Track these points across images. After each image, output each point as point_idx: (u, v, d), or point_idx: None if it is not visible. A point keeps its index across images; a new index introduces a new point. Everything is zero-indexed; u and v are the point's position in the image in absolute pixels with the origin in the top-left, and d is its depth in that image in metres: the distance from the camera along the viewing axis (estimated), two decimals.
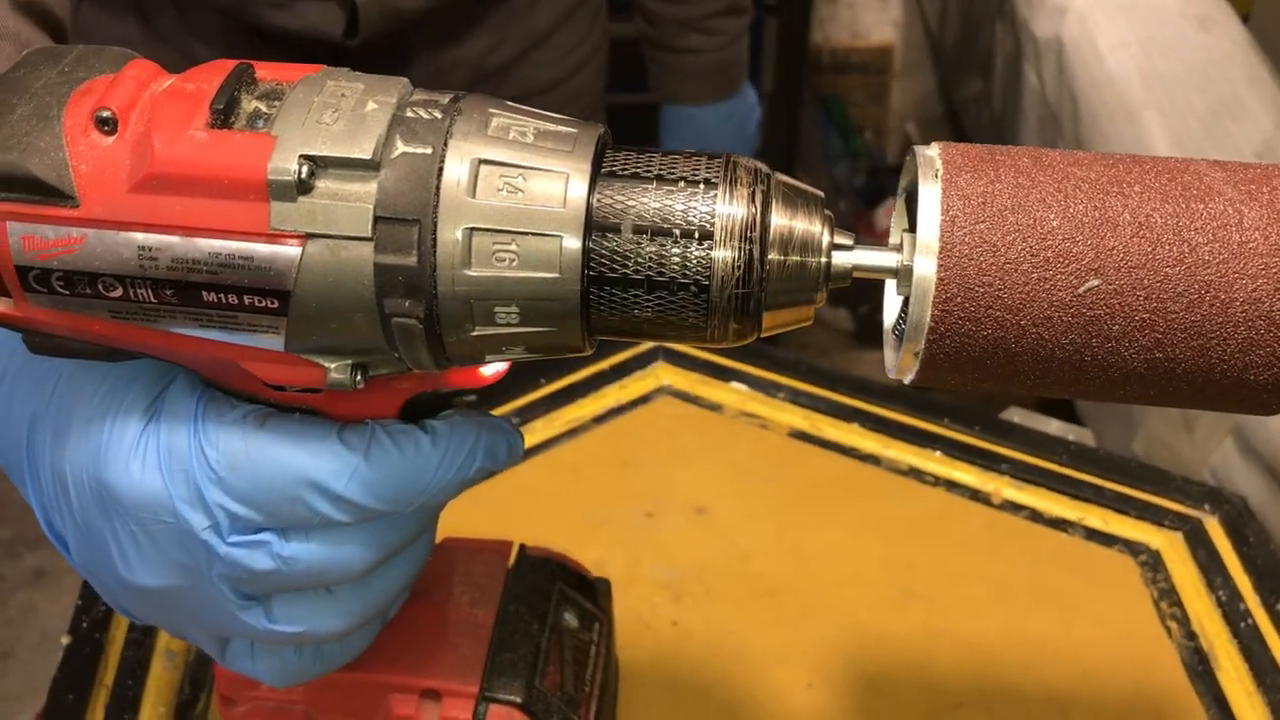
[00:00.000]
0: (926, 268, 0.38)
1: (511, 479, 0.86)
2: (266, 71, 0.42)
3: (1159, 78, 1.71)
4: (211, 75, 0.41)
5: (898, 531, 0.83)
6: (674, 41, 1.29)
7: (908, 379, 0.41)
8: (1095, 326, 0.38)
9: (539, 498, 0.85)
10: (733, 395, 0.94)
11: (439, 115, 0.40)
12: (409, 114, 0.40)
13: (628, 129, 1.66)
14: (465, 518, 0.82)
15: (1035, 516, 0.85)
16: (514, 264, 0.39)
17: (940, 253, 0.38)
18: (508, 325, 0.40)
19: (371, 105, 0.40)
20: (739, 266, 0.40)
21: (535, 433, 0.90)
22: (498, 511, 0.83)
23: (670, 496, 0.85)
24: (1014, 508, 0.85)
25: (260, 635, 0.48)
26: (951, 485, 0.87)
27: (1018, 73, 1.98)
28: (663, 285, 0.40)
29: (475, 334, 0.40)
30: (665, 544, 0.81)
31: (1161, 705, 0.73)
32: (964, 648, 0.75)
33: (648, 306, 0.40)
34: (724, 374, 0.95)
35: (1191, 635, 0.77)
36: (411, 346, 0.40)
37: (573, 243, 0.39)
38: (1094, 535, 0.84)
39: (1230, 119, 1.64)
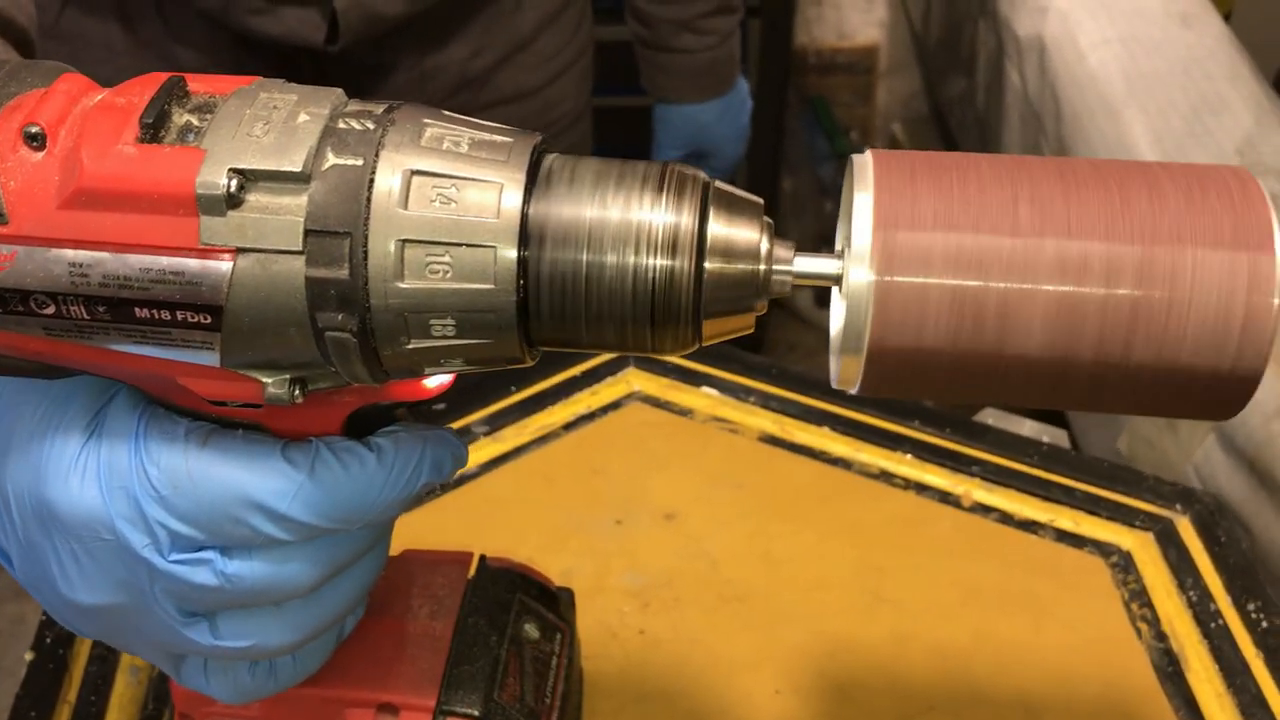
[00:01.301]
0: (862, 276, 0.38)
1: (481, 488, 0.86)
2: (200, 84, 0.41)
3: (1140, 76, 1.71)
4: (143, 89, 0.40)
5: (868, 536, 0.83)
6: (667, 42, 1.29)
7: (852, 389, 0.41)
8: (1042, 331, 0.37)
9: (508, 507, 0.84)
10: (703, 400, 0.93)
11: (371, 126, 0.39)
12: (341, 125, 0.40)
13: (616, 132, 1.67)
14: (433, 528, 0.82)
15: (1005, 519, 0.85)
16: (448, 276, 0.39)
17: (875, 260, 0.38)
18: (444, 338, 0.40)
19: (303, 117, 0.40)
20: (677, 275, 0.39)
21: (505, 440, 0.89)
22: (467, 521, 0.83)
23: (640, 503, 0.85)
24: (984, 510, 0.85)
25: (207, 651, 0.48)
26: (922, 488, 0.86)
27: (1000, 72, 1.98)
28: (600, 295, 0.40)
29: (411, 347, 0.40)
30: (635, 551, 0.81)
31: (1131, 707, 0.72)
32: (934, 652, 0.75)
33: (586, 317, 0.40)
34: (695, 379, 0.95)
35: (1162, 636, 0.77)
36: (346, 360, 0.40)
37: (507, 253, 0.39)
38: (1064, 537, 0.84)
39: (1211, 116, 1.64)
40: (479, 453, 0.88)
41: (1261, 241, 0.37)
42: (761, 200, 0.42)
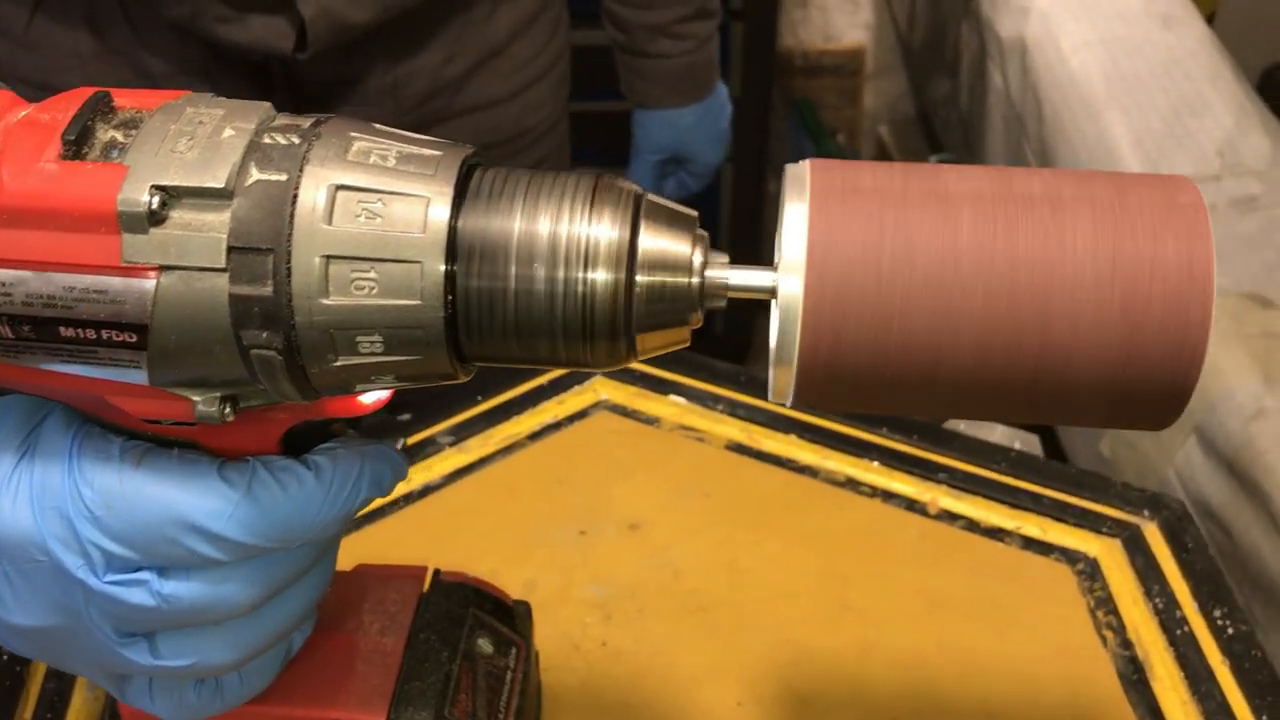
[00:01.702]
0: (793, 287, 0.37)
1: (445, 500, 0.86)
2: (126, 99, 0.41)
3: (1121, 77, 1.71)
4: (68, 105, 0.40)
5: (833, 544, 0.82)
6: (645, 47, 1.29)
7: (786, 402, 0.41)
8: (969, 343, 0.37)
9: (472, 518, 0.84)
10: (671, 409, 0.93)
11: (297, 140, 0.39)
12: (267, 140, 0.39)
13: (595, 137, 1.66)
14: (394, 541, 0.82)
15: (972, 526, 0.84)
16: (374, 292, 0.38)
17: (806, 271, 0.37)
18: (372, 355, 0.39)
19: (229, 132, 0.39)
20: (609, 289, 0.39)
21: (470, 451, 0.89)
22: (429, 533, 0.83)
23: (605, 514, 0.84)
24: (950, 517, 0.85)
25: (147, 670, 0.47)
26: (889, 495, 0.86)
27: (983, 73, 1.99)
28: (531, 310, 0.39)
29: (339, 364, 0.39)
30: (598, 562, 0.81)
31: (1095, 716, 0.72)
32: (898, 662, 0.74)
33: (517, 333, 0.40)
34: (663, 387, 0.94)
35: (1127, 644, 0.76)
36: (273, 378, 0.40)
37: (434, 268, 0.38)
38: (1031, 544, 0.83)
39: (1192, 116, 1.65)
40: (443, 464, 0.87)
41: (1197, 254, 0.36)
42: (695, 213, 0.41)
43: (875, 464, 0.88)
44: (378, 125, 0.41)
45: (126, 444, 0.44)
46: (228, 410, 0.41)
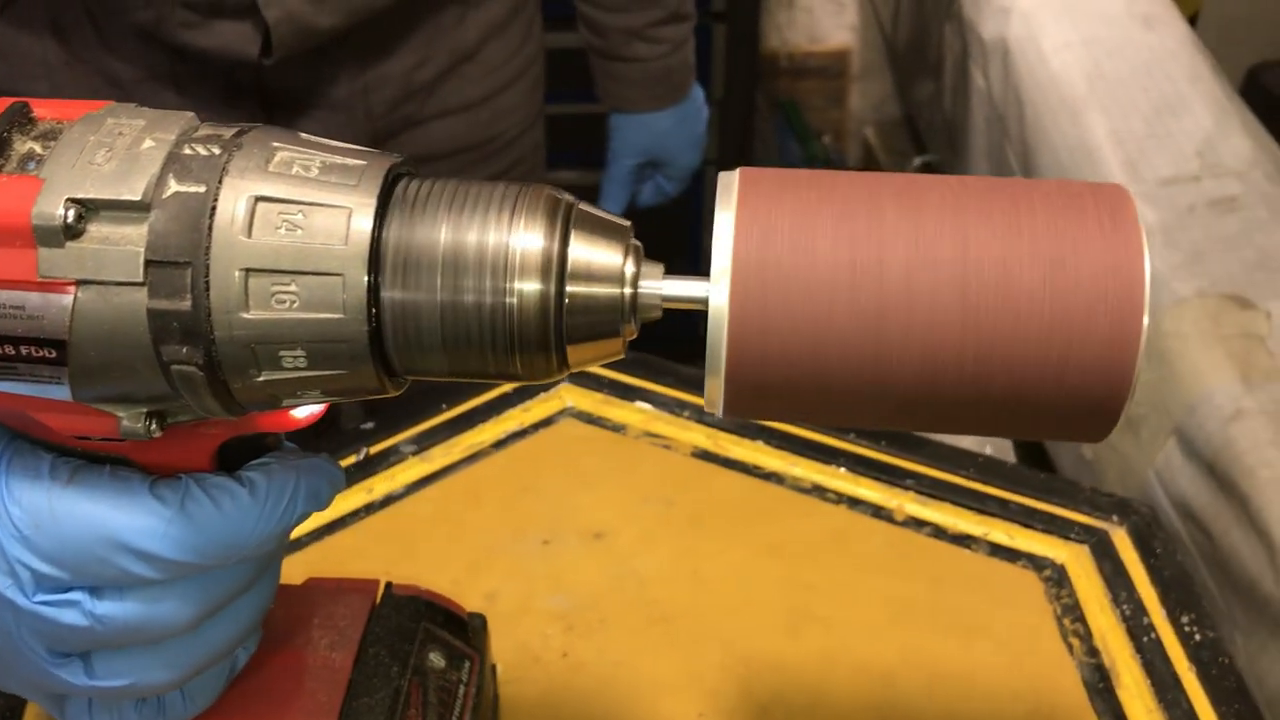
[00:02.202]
0: (720, 297, 0.37)
1: (407, 509, 0.85)
2: (47, 110, 0.40)
3: (1102, 77, 1.71)
4: None
5: (798, 552, 0.81)
6: (619, 51, 1.29)
7: (718, 411, 0.40)
8: (899, 353, 0.36)
9: (434, 528, 0.83)
10: (637, 415, 0.92)
11: (217, 151, 0.38)
12: (187, 151, 0.38)
13: (571, 140, 1.65)
14: (355, 552, 0.81)
15: (938, 533, 0.83)
16: (295, 305, 0.37)
17: (731, 281, 0.36)
18: (295, 369, 0.38)
19: (148, 143, 0.38)
20: (537, 300, 0.38)
21: (433, 460, 0.88)
22: (390, 544, 0.82)
23: (569, 523, 0.83)
24: (917, 524, 0.84)
25: (83, 691, 0.46)
26: (855, 502, 0.85)
27: (965, 74, 1.98)
28: (458, 323, 0.38)
29: (262, 379, 0.39)
30: (561, 572, 0.80)
31: None
32: (861, 672, 0.74)
33: (444, 346, 0.39)
34: (629, 393, 0.94)
35: (1093, 652, 0.76)
36: (196, 394, 0.39)
37: (357, 281, 0.37)
38: (998, 551, 0.82)
39: (1172, 117, 1.64)
40: (406, 473, 0.87)
41: (1131, 268, 0.36)
42: (628, 223, 0.41)
43: (842, 470, 0.87)
44: (304, 135, 0.40)
45: (57, 461, 0.43)
46: (154, 426, 0.41)
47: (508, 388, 0.93)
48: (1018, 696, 0.73)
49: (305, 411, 0.45)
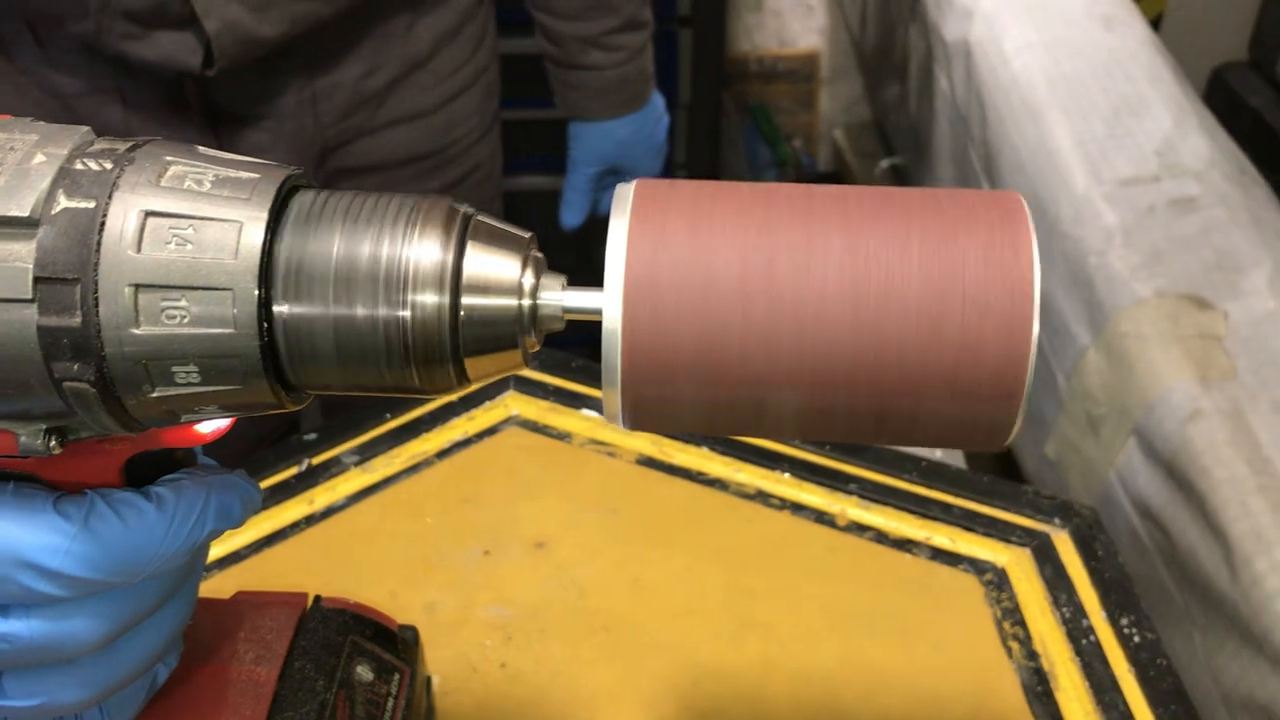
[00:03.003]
0: (613, 307, 0.37)
1: (347, 520, 0.84)
2: None
3: (1063, 78, 1.72)
4: None
5: (740, 559, 0.81)
6: (576, 59, 1.28)
7: (618, 424, 0.40)
8: (790, 367, 0.36)
9: (374, 539, 0.83)
10: (583, 423, 0.92)
11: (109, 166, 0.38)
12: (78, 166, 0.38)
13: (531, 146, 1.64)
14: (293, 564, 0.80)
15: (880, 537, 0.83)
16: (185, 321, 0.37)
17: (623, 293, 0.36)
18: (189, 385, 0.38)
19: (39, 158, 0.38)
20: (431, 313, 0.38)
21: (375, 470, 0.88)
22: (329, 556, 0.81)
23: (510, 532, 0.83)
24: (859, 529, 0.84)
25: None
26: (798, 508, 0.85)
27: (930, 76, 1.99)
28: (352, 337, 0.38)
29: (156, 395, 0.38)
30: (501, 583, 0.79)
31: None
32: (800, 679, 0.74)
33: (339, 360, 0.39)
34: (575, 401, 0.93)
35: (1033, 655, 0.76)
36: (90, 410, 0.38)
37: (247, 295, 0.37)
38: (939, 555, 0.83)
39: (1132, 117, 1.65)
40: (347, 484, 0.86)
41: (1021, 279, 0.36)
42: (529, 234, 0.40)
43: (786, 475, 0.87)
44: (200, 149, 0.40)
45: None
46: (53, 443, 0.40)
47: (452, 396, 0.93)
48: (957, 701, 0.73)
49: (210, 426, 0.45)
